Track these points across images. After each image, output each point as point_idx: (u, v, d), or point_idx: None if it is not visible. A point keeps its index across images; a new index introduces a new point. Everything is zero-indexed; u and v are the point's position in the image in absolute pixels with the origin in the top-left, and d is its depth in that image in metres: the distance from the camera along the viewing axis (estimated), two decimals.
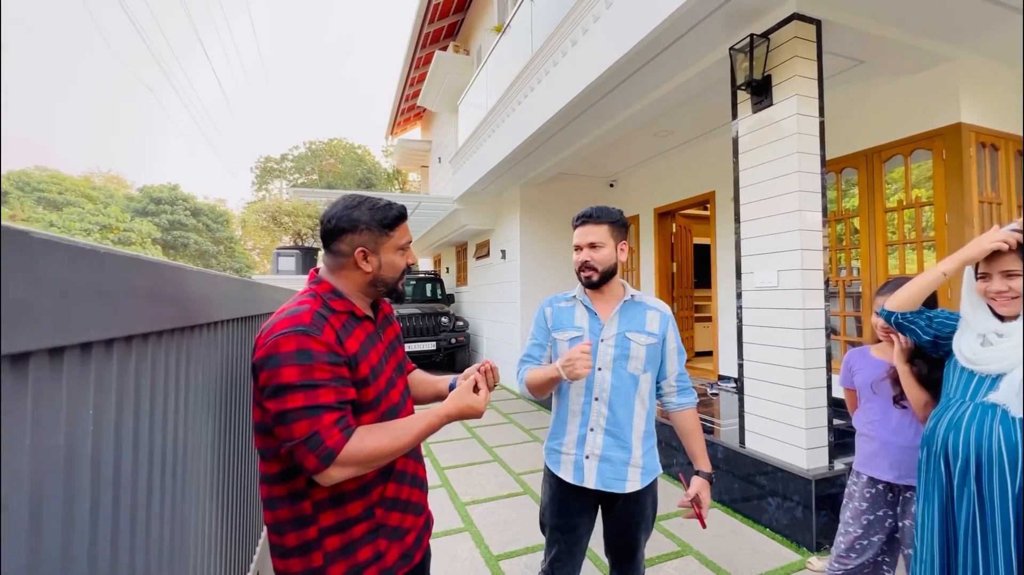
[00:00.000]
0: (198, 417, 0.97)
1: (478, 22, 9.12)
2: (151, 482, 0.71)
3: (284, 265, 5.01)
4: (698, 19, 2.86)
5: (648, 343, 1.53)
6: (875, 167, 3.77)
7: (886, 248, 3.72)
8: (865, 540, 1.74)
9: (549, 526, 1.58)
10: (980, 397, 1.31)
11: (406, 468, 1.16)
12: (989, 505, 1.24)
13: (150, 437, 0.70)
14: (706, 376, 5.64)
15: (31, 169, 25.77)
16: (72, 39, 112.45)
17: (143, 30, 11.56)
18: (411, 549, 1.15)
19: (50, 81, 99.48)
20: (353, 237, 1.07)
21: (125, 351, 0.62)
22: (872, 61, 3.35)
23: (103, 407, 0.57)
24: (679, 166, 6.01)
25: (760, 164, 2.91)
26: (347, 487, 1.02)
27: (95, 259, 0.52)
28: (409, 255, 1.17)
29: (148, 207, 26.23)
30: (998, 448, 1.23)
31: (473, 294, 9.26)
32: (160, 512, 0.74)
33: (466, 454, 4.20)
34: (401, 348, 1.28)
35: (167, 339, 0.77)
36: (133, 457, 0.64)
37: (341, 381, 0.95)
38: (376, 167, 26.17)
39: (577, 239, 1.54)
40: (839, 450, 2.80)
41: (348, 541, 1.03)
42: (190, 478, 0.91)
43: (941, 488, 1.35)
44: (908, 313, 1.49)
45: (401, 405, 1.15)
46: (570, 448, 1.52)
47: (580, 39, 3.82)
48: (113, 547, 0.59)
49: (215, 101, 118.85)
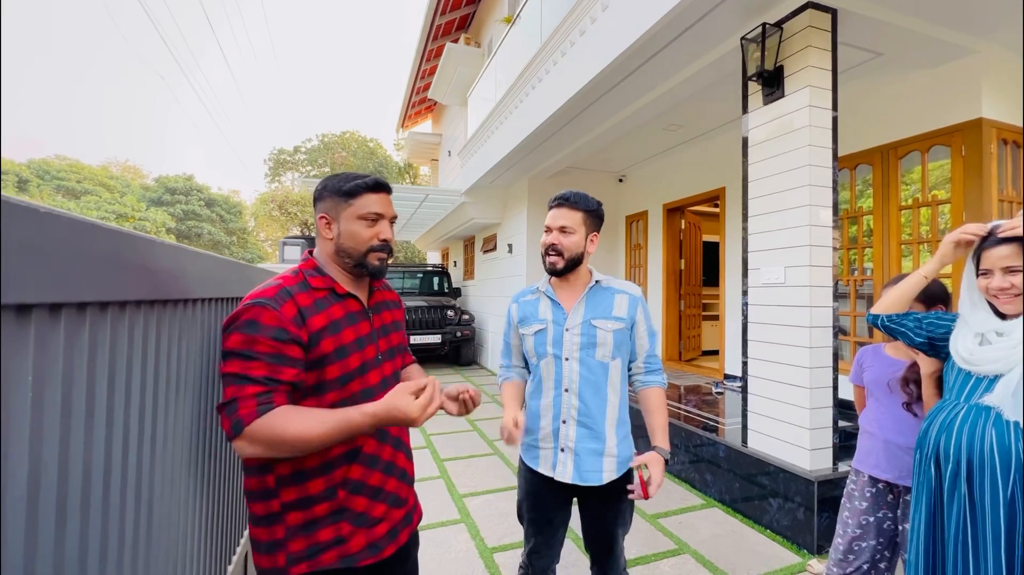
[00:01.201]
0: (175, 396, 0.95)
1: (490, 14, 9.05)
2: (110, 459, 0.69)
3: (290, 254, 5.04)
4: (709, 7, 2.79)
5: (616, 328, 1.49)
6: (891, 164, 3.66)
7: (900, 248, 3.61)
8: (863, 542, 1.69)
9: (526, 519, 1.57)
10: (975, 399, 1.25)
11: (378, 454, 1.13)
12: (980, 511, 1.19)
13: (108, 412, 0.68)
14: (712, 375, 5.57)
15: (51, 158, 26.27)
16: (88, 30, 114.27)
17: (157, 21, 11.68)
18: (381, 540, 1.12)
19: (68, 72, 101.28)
20: (319, 205, 1.14)
21: (76, 319, 0.60)
22: (890, 54, 3.24)
23: (46, 375, 0.54)
24: (689, 161, 5.91)
25: (770, 157, 2.84)
26: (309, 464, 1.03)
27: (34, 218, 0.50)
28: (382, 229, 1.13)
29: (163, 197, 26.62)
30: (990, 452, 1.18)
31: (480, 288, 9.25)
32: (121, 492, 0.72)
33: (467, 446, 4.19)
34: (397, 335, 1.28)
35: (132, 311, 0.75)
36: (86, 433, 0.62)
37: (279, 359, 0.96)
38: (387, 160, 26.24)
39: (548, 220, 1.50)
40: (844, 452, 2.73)
41: (310, 519, 1.04)
42: (162, 459, 0.89)
43: (930, 491, 1.30)
44: (894, 315, 1.46)
45: (378, 389, 1.13)
46: (546, 442, 1.50)
47: (589, 28, 3.75)
48: (60, 527, 0.57)
49: (228, 92, 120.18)
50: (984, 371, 1.24)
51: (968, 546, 1.20)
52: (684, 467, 3.43)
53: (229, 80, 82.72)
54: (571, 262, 1.48)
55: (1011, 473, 1.16)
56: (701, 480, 3.26)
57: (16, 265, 0.47)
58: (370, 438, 1.11)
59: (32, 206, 0.50)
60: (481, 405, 5.61)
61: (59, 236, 0.54)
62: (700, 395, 4.52)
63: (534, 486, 1.54)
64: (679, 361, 6.33)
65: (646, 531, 2.71)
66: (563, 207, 1.49)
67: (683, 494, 3.23)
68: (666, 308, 6.38)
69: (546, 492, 1.52)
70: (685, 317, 6.46)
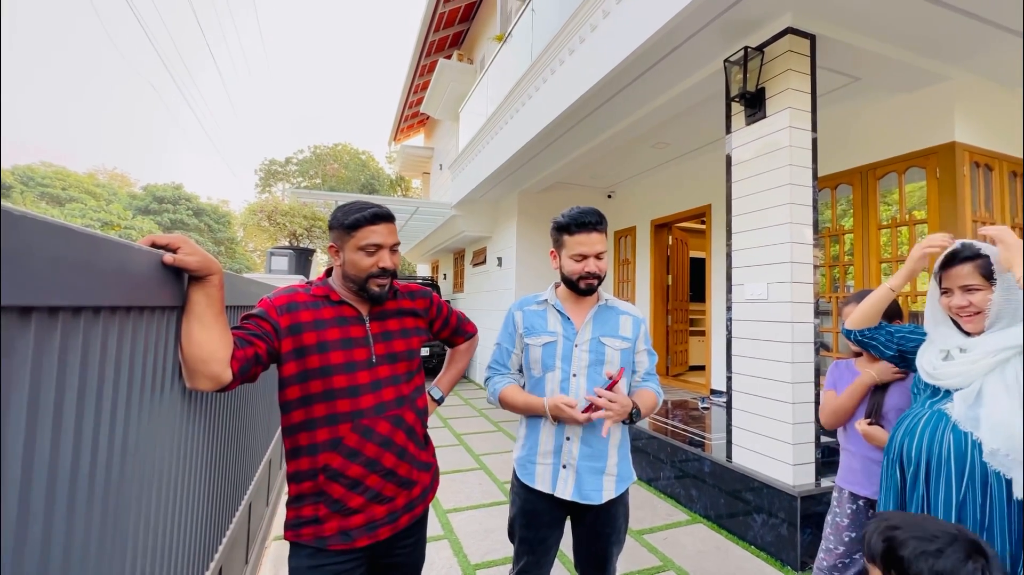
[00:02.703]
0: (155, 404, 0.94)
1: (482, 32, 9.21)
2: (78, 461, 0.67)
3: (276, 264, 5.00)
4: (694, 30, 2.88)
5: (622, 348, 1.51)
6: (869, 184, 3.76)
7: (879, 265, 3.70)
8: (847, 558, 1.70)
9: (518, 537, 1.54)
10: (937, 405, 1.30)
11: (362, 450, 1.20)
12: (933, 510, 1.24)
13: (77, 419, 0.67)
14: (699, 390, 5.59)
15: (36, 164, 25.91)
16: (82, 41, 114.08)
17: (152, 33, 11.69)
18: (356, 532, 1.19)
19: (62, 81, 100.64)
20: (330, 234, 1.29)
21: (48, 324, 0.60)
22: (867, 78, 3.36)
23: (13, 379, 0.54)
24: (676, 178, 6.02)
25: (752, 176, 2.91)
26: (301, 442, 1.20)
27: (8, 221, 0.50)
28: (381, 258, 1.23)
29: (151, 206, 26.31)
30: (947, 454, 1.23)
31: (469, 301, 9.23)
32: (88, 498, 0.71)
33: (452, 460, 4.14)
34: (403, 342, 1.33)
35: (107, 317, 0.74)
36: (53, 436, 0.61)
37: (257, 331, 1.15)
38: (379, 173, 26.28)
39: (584, 248, 1.44)
40: (826, 468, 2.75)
41: (298, 492, 1.21)
42: (137, 465, 0.87)
43: (896, 493, 1.35)
44: (867, 330, 1.50)
45: (368, 388, 1.22)
46: (546, 458, 1.47)
47: (578, 48, 3.84)
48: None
49: (220, 102, 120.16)
50: (947, 385, 1.28)
51: None
52: (670, 482, 3.43)
53: (221, 91, 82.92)
54: (601, 282, 1.49)
55: (964, 477, 1.20)
56: (687, 495, 3.25)
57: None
58: (353, 434, 1.19)
59: (9, 210, 0.50)
60: (467, 419, 5.57)
61: (28, 239, 0.54)
62: (686, 410, 4.54)
63: (529, 504, 1.50)
64: (666, 376, 6.35)
65: (631, 547, 2.68)
66: (595, 232, 1.44)
67: (668, 510, 3.21)
68: (654, 323, 6.42)
69: (542, 510, 1.49)
70: (672, 332, 6.50)
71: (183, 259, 0.95)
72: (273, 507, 2.91)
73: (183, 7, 14.88)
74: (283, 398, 1.21)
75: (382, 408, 1.24)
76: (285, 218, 5.12)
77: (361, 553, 1.22)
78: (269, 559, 2.49)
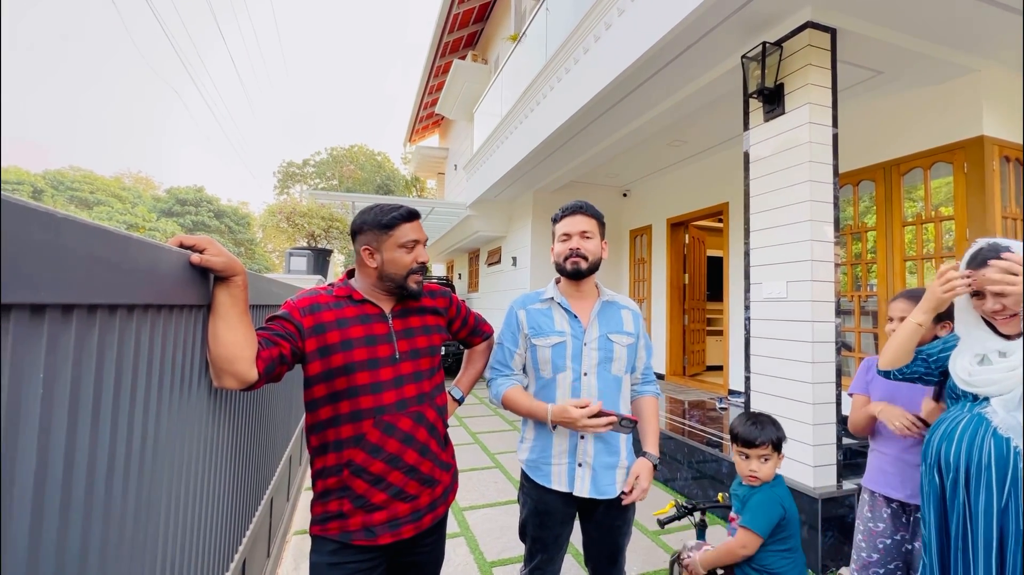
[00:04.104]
0: (183, 401, 0.97)
1: (496, 32, 9.23)
2: (113, 455, 0.70)
3: (295, 265, 5.09)
4: (710, 26, 2.85)
5: (628, 343, 1.52)
6: (893, 180, 3.67)
7: (904, 263, 3.61)
8: (881, 568, 1.63)
9: (531, 537, 1.54)
10: (976, 409, 1.25)
11: (383, 446, 1.21)
12: (974, 517, 1.19)
13: (113, 413, 0.70)
14: (716, 390, 5.52)
15: (66, 169, 26.79)
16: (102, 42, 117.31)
17: (172, 35, 11.98)
18: (379, 528, 1.21)
19: (82, 84, 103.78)
20: (361, 238, 1.28)
21: (87, 320, 0.63)
22: (890, 72, 3.28)
23: (57, 373, 0.57)
24: (693, 177, 5.96)
25: (771, 173, 2.86)
26: (328, 438, 1.22)
27: (50, 223, 0.53)
28: (419, 253, 1.29)
29: (174, 208, 27.01)
30: (988, 460, 1.18)
31: (484, 300, 9.27)
32: (123, 491, 0.74)
33: (468, 459, 4.16)
34: (425, 338, 1.35)
35: (139, 315, 0.77)
36: (92, 427, 0.64)
37: (281, 332, 1.17)
38: (395, 174, 26.55)
39: (567, 227, 1.50)
40: (848, 470, 2.70)
41: (324, 488, 1.23)
42: (166, 460, 0.91)
43: (937, 500, 1.29)
44: (904, 367, 1.43)
45: (391, 385, 1.24)
46: (561, 458, 1.47)
47: (592, 46, 3.83)
48: (63, 517, 0.59)
49: (239, 104, 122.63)
50: (984, 392, 1.23)
51: (968, 553, 1.19)
52: (687, 483, 3.40)
53: (240, 91, 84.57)
54: (593, 266, 1.49)
55: (1007, 483, 1.15)
56: (704, 496, 3.22)
57: (31, 267, 0.50)
58: (375, 429, 1.21)
59: (48, 211, 0.52)
60: (483, 418, 5.59)
61: (73, 241, 0.57)
62: (704, 411, 4.49)
63: (541, 505, 1.50)
64: (683, 376, 6.29)
65: (647, 547, 2.67)
66: (579, 214, 1.51)
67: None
68: (670, 323, 6.37)
69: (554, 509, 1.49)
70: (689, 332, 6.43)
71: (209, 259, 0.98)
72: (294, 502, 2.97)
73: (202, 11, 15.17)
74: (309, 396, 1.24)
75: (404, 405, 1.25)
76: (303, 219, 5.21)
77: (382, 552, 1.24)
78: (290, 553, 2.54)
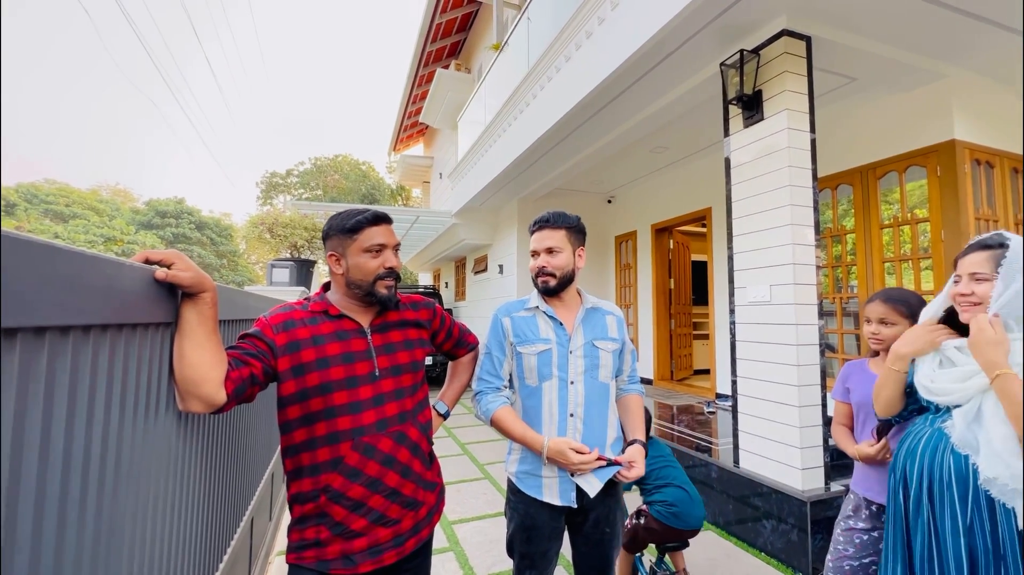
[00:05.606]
0: (148, 423, 0.93)
1: (479, 41, 9.28)
2: (67, 485, 0.66)
3: (278, 276, 5.00)
4: (689, 35, 2.88)
5: (613, 349, 1.51)
6: (870, 183, 3.75)
7: (883, 264, 3.67)
8: (856, 561, 1.65)
9: (519, 553, 1.51)
10: (937, 423, 1.25)
11: (363, 469, 1.15)
12: (941, 536, 1.17)
13: (66, 442, 0.65)
14: (704, 394, 5.54)
15: (40, 182, 26.12)
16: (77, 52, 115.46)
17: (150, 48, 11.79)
18: (359, 556, 1.14)
19: (58, 95, 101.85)
20: (327, 244, 1.24)
21: (34, 344, 0.58)
22: (864, 78, 3.36)
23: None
24: (676, 182, 6.02)
25: (752, 178, 2.90)
26: (303, 462, 1.16)
27: None
28: (387, 258, 1.22)
29: (153, 220, 26.47)
30: (948, 478, 1.17)
31: (471, 309, 9.22)
32: (79, 520, 0.69)
33: (458, 470, 4.10)
34: (407, 353, 1.29)
35: (97, 335, 0.73)
36: (40, 460, 0.60)
37: (252, 351, 1.12)
38: (380, 183, 26.40)
39: (534, 244, 1.51)
40: (835, 471, 2.71)
41: (301, 514, 1.16)
42: (130, 487, 0.86)
43: (900, 517, 1.28)
44: (903, 411, 1.42)
45: (370, 403, 1.18)
46: (552, 471, 1.44)
47: (574, 54, 3.85)
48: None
49: (218, 112, 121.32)
50: (944, 402, 1.23)
51: (935, 572, 1.18)
52: None
53: (218, 97, 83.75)
54: (564, 280, 1.47)
55: (968, 502, 1.14)
56: None
57: None
58: (354, 452, 1.15)
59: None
60: (471, 428, 5.53)
61: (22, 260, 0.53)
62: (692, 415, 4.49)
63: (528, 519, 1.47)
64: (671, 381, 6.30)
65: None
66: (544, 228, 1.49)
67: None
68: (657, 328, 6.39)
69: (541, 523, 1.46)
70: (676, 336, 6.47)
71: (176, 275, 0.93)
72: (276, 522, 2.88)
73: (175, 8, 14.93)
74: (283, 418, 1.18)
75: (384, 424, 1.19)
76: (286, 230, 5.11)
77: None
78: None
